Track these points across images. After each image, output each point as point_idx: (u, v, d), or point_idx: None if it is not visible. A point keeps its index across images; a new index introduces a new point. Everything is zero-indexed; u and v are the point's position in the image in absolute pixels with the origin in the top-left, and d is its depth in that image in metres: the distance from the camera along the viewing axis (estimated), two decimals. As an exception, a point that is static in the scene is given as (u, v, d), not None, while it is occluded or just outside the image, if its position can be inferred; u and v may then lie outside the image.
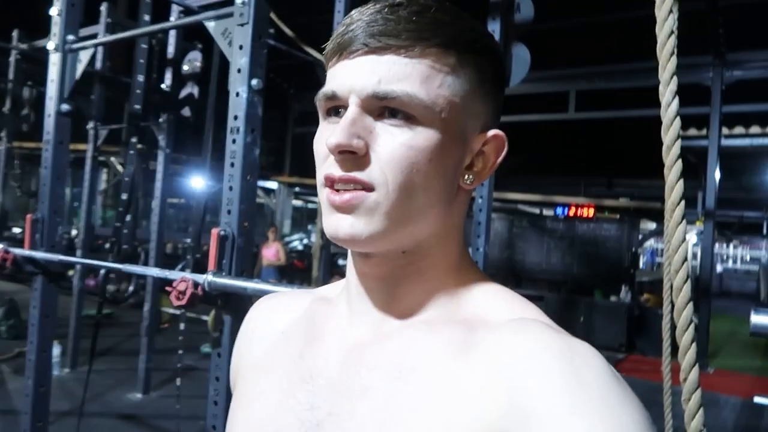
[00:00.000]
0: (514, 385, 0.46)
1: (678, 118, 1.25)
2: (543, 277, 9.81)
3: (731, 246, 24.01)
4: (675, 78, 1.25)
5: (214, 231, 1.97)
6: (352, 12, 0.54)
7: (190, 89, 4.65)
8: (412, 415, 0.49)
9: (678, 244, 1.21)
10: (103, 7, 4.70)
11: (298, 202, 18.75)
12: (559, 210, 10.50)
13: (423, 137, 0.51)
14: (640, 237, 10.45)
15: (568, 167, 13.41)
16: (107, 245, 6.60)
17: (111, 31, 4.36)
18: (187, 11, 3.55)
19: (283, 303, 0.70)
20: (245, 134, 1.97)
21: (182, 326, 4.14)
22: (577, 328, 8.60)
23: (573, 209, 10.16)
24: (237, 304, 1.96)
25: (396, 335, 0.55)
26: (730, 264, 24.21)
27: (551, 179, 13.67)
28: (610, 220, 9.70)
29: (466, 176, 0.56)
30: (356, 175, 0.51)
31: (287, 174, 14.96)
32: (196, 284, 1.91)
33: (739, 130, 8.12)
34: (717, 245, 14.35)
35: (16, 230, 10.02)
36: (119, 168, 11.65)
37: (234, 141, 1.99)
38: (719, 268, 19.81)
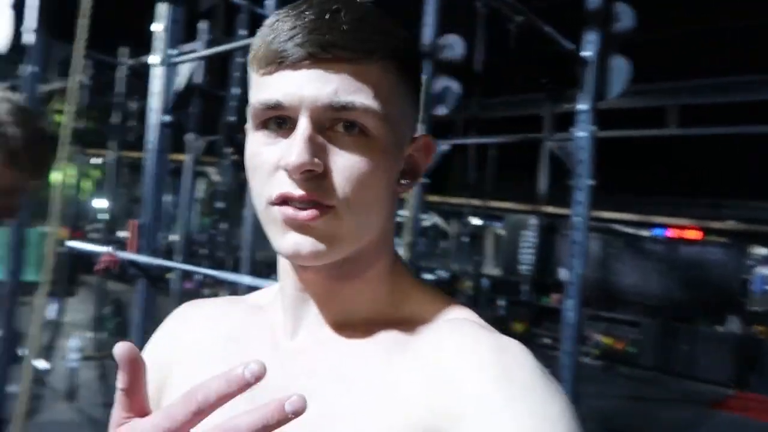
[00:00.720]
0: (448, 383, 0.47)
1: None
2: (639, 300, 9.27)
3: None
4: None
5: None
6: (284, 13, 0.51)
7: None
8: (356, 418, 0.50)
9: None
10: (203, 24, 4.98)
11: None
12: (659, 231, 9.91)
13: (377, 151, 0.51)
14: (750, 263, 9.64)
15: (668, 186, 12.64)
16: (203, 251, 6.93)
17: (209, 46, 4.60)
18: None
19: (218, 311, 0.67)
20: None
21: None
22: (678, 357, 8.03)
23: (674, 230, 9.56)
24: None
25: (334, 340, 0.56)
26: None
27: (649, 198, 12.93)
28: (715, 244, 9.03)
29: (402, 181, 0.57)
30: (316, 195, 0.50)
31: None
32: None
33: None
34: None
35: (123, 234, 10.80)
36: (216, 178, 12.28)
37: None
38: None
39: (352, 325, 0.57)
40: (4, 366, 4.02)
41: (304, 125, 0.49)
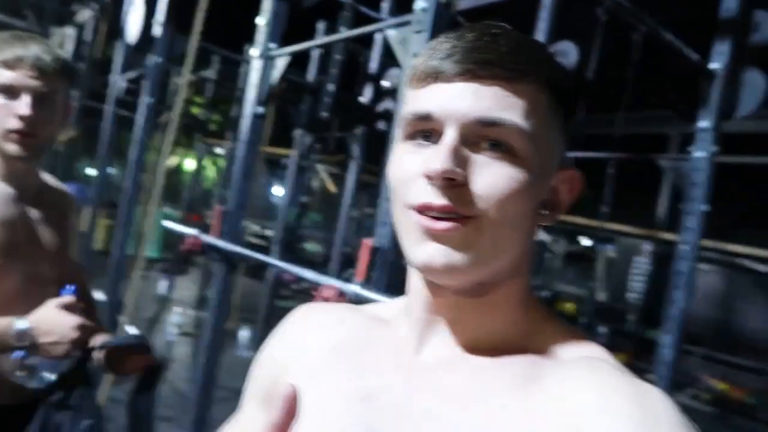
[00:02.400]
0: (582, 424, 0.45)
1: None
2: (765, 347, 8.31)
3: None
4: None
5: (367, 242, 1.94)
6: (446, 36, 0.53)
7: (389, 104, 4.81)
8: None
9: None
10: (321, 25, 5.09)
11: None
12: (794, 271, 8.78)
13: (522, 172, 0.51)
14: None
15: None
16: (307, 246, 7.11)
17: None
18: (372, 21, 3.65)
19: (329, 316, 0.68)
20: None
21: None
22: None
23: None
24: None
25: (462, 364, 0.55)
26: None
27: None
28: None
29: (543, 212, 0.56)
30: (458, 206, 0.50)
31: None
32: (341, 293, 1.90)
33: None
34: None
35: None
36: (323, 175, 12.65)
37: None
38: None
39: (480, 350, 0.56)
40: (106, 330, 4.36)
41: (450, 135, 0.50)
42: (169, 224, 3.28)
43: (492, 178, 0.50)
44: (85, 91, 7.20)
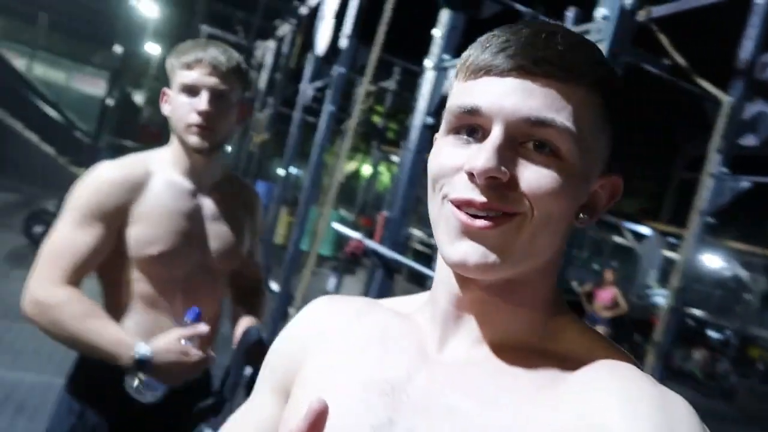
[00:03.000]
0: (606, 427, 0.45)
1: None
2: None
3: None
4: None
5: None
6: (501, 29, 0.52)
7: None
8: None
9: None
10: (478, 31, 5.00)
11: (670, 254, 16.84)
12: None
13: (567, 173, 0.50)
14: None
15: None
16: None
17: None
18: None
19: (353, 308, 0.66)
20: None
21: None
22: None
23: None
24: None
25: (486, 361, 0.55)
26: None
27: None
28: None
29: (581, 215, 0.55)
30: (500, 204, 0.49)
31: (664, 221, 13.54)
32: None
33: None
34: None
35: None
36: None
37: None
38: None
39: (504, 348, 0.55)
40: (276, 320, 4.73)
41: (497, 133, 0.49)
42: (337, 226, 3.45)
43: (536, 178, 0.49)
44: (279, 99, 7.94)
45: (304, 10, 6.58)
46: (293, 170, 6.05)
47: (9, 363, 3.59)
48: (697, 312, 10.77)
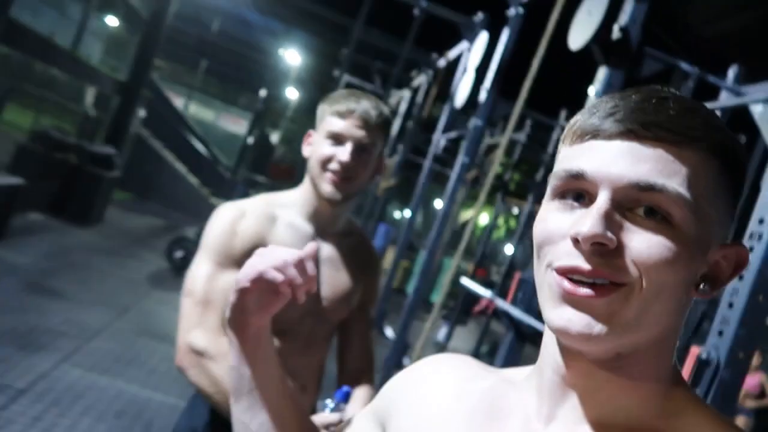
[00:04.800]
0: None
1: None
2: None
3: None
4: None
5: (694, 350, 1.63)
6: (610, 95, 0.51)
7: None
8: None
9: None
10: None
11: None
12: None
13: (680, 241, 0.47)
14: None
15: None
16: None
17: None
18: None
19: (468, 370, 0.65)
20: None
21: None
22: None
23: None
24: None
25: None
26: None
27: None
28: None
29: (702, 286, 0.52)
30: (607, 272, 0.47)
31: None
32: None
33: None
34: None
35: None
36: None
37: (752, 249, 1.60)
38: None
39: (612, 428, 0.52)
40: (391, 368, 4.66)
41: (603, 198, 0.47)
42: (467, 282, 3.34)
43: (646, 246, 0.46)
44: (409, 146, 8.07)
45: (441, 63, 6.70)
46: (409, 214, 6.06)
47: (142, 380, 3.81)
48: None
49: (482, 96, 4.34)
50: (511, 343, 2.74)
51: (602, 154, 0.48)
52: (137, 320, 4.67)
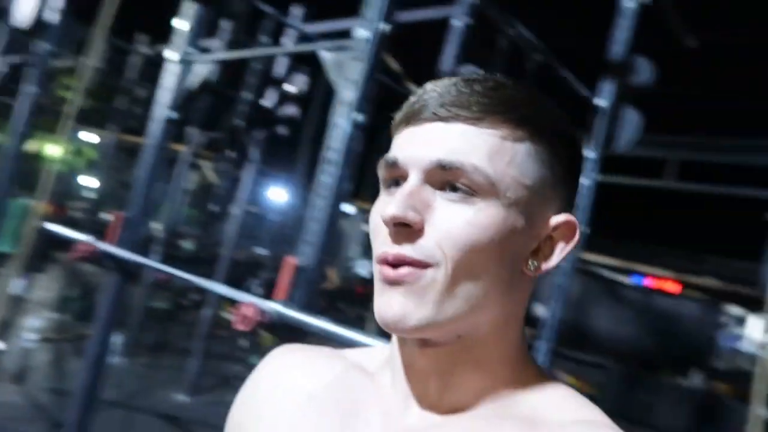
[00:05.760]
0: None
1: None
2: (609, 345, 9.30)
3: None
4: None
5: (290, 260, 1.92)
6: (427, 84, 0.52)
7: (292, 110, 4.75)
8: None
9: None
10: (225, 25, 4.88)
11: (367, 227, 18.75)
12: (638, 279, 10.00)
13: (485, 215, 0.47)
14: (723, 321, 9.79)
15: (654, 236, 12.74)
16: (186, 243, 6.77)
17: (229, 47, 4.51)
18: (302, 37, 3.62)
19: (310, 362, 0.63)
20: (342, 168, 1.92)
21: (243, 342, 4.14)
22: (638, 405, 8.05)
23: (653, 281, 9.66)
24: (301, 340, 1.89)
25: (451, 426, 0.51)
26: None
27: (632, 246, 13.03)
28: (692, 299, 9.15)
29: (530, 262, 0.52)
30: (409, 253, 0.47)
31: (365, 199, 15.06)
32: (262, 312, 1.85)
33: None
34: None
35: (106, 216, 10.59)
36: (209, 173, 12.13)
37: (326, 173, 1.94)
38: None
39: (470, 410, 0.52)
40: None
41: (409, 181, 0.48)
42: (52, 227, 2.98)
43: (448, 225, 0.47)
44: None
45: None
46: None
47: None
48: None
49: (52, 17, 3.71)
50: (117, 286, 2.64)
51: (412, 140, 0.50)
52: None
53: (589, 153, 3.23)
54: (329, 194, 1.93)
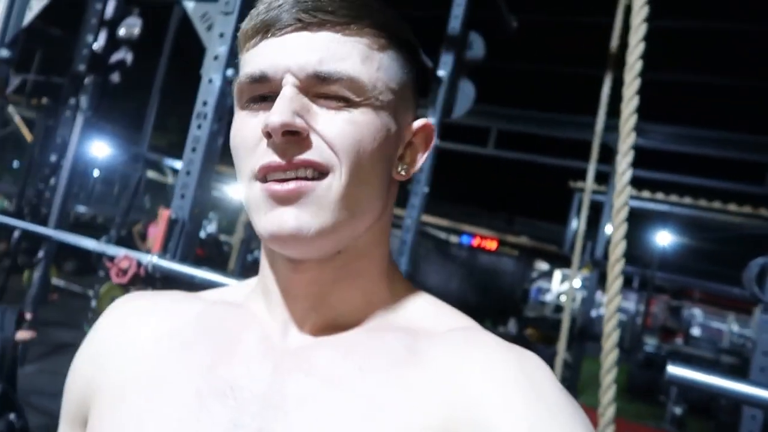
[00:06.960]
0: (469, 395, 0.45)
1: (629, 188, 1.46)
2: (441, 298, 10.19)
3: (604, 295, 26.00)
4: (632, 152, 1.45)
5: (165, 212, 1.95)
6: None
7: (123, 55, 4.45)
8: (355, 425, 0.46)
9: (614, 295, 1.41)
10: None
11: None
12: (465, 238, 11.00)
13: (365, 119, 0.48)
14: (533, 275, 11.26)
15: (477, 199, 14.02)
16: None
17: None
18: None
19: (159, 307, 0.59)
20: (213, 122, 1.96)
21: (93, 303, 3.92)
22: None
23: (477, 240, 10.69)
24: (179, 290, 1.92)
25: (334, 342, 0.51)
26: (601, 311, 26.23)
27: (457, 208, 14.21)
28: (508, 255, 10.31)
29: (400, 167, 0.53)
30: (306, 160, 0.46)
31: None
32: (139, 264, 1.87)
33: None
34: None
35: None
36: (15, 119, 10.77)
37: (199, 127, 1.98)
38: (594, 313, 21.31)
39: (350, 326, 0.52)
40: None
41: (287, 90, 0.46)
42: None
43: (336, 129, 0.47)
44: None
45: None
46: None
47: None
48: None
49: None
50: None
51: (278, 50, 0.47)
52: None
53: (432, 120, 3.57)
54: (202, 148, 1.97)
